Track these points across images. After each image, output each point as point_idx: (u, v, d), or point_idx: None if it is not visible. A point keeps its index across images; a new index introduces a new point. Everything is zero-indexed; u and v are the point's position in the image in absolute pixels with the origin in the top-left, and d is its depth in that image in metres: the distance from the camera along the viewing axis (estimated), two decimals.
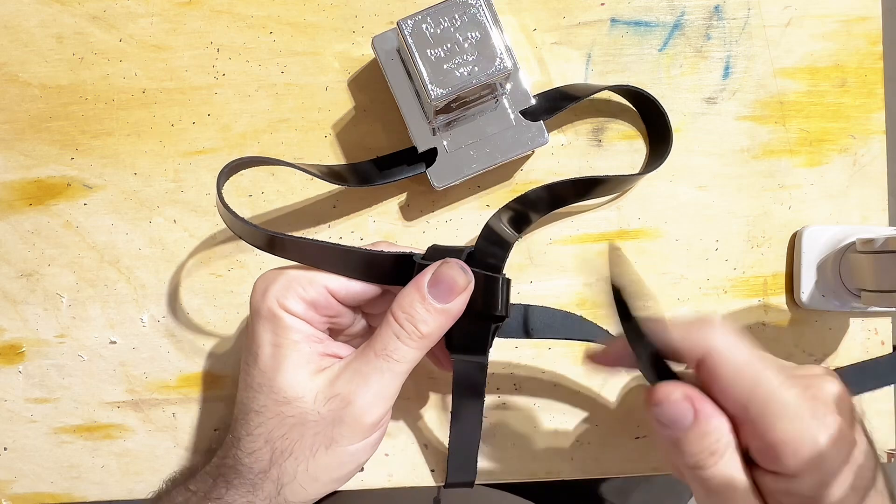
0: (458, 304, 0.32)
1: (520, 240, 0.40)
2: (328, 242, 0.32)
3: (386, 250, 0.33)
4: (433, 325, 0.31)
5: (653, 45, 0.40)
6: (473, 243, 0.33)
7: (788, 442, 0.28)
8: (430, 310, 0.31)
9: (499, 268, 0.32)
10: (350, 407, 0.31)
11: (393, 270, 0.33)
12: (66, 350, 0.40)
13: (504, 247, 0.33)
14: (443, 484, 0.40)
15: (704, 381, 0.29)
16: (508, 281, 0.32)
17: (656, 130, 0.40)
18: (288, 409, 0.31)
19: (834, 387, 0.29)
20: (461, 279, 0.31)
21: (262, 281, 0.33)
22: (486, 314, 0.32)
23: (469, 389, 0.35)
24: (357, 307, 0.35)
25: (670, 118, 0.40)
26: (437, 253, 0.33)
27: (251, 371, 0.32)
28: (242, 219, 0.32)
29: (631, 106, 0.40)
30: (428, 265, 0.32)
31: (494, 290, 0.32)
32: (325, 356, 0.32)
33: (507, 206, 0.35)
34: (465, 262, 0.32)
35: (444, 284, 0.31)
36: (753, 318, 0.41)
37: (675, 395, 0.29)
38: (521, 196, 0.36)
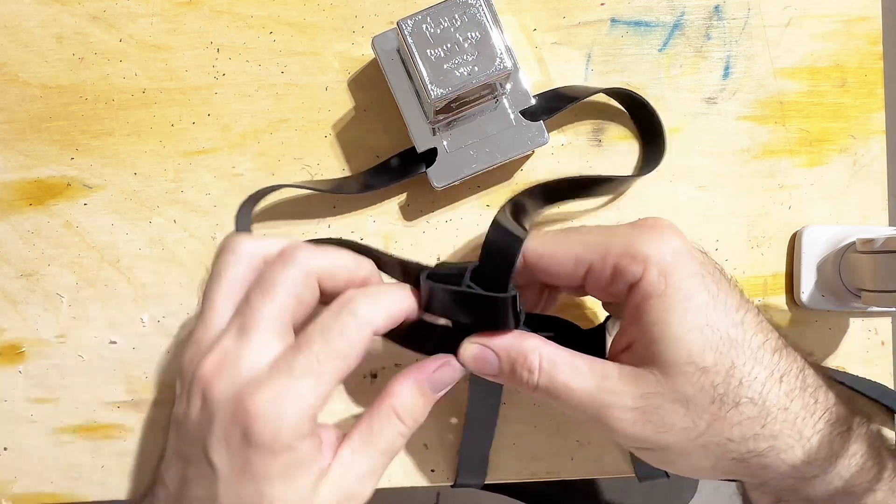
0: (446, 391, 0.33)
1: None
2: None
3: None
4: (427, 412, 0.32)
5: (653, 45, 0.40)
6: (473, 246, 0.33)
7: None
8: (429, 404, 0.32)
9: (503, 284, 0.30)
10: (357, 502, 0.31)
11: (407, 274, 0.33)
12: (66, 350, 0.40)
13: (507, 260, 0.30)
14: (451, 483, 0.40)
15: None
16: (514, 297, 0.30)
17: (649, 132, 0.40)
18: None
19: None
20: (456, 375, 0.32)
21: (265, 406, 0.28)
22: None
23: (487, 389, 0.35)
24: None
25: (670, 118, 0.40)
26: (441, 271, 0.32)
27: None
28: None
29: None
30: (433, 287, 0.31)
31: (497, 310, 0.31)
32: (326, 460, 0.30)
33: (502, 211, 0.33)
34: (470, 278, 0.30)
35: (442, 383, 0.32)
36: None
37: (470, 351, 0.31)
38: (514, 198, 0.35)
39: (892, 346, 0.42)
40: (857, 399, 0.32)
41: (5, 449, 0.40)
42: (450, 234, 0.40)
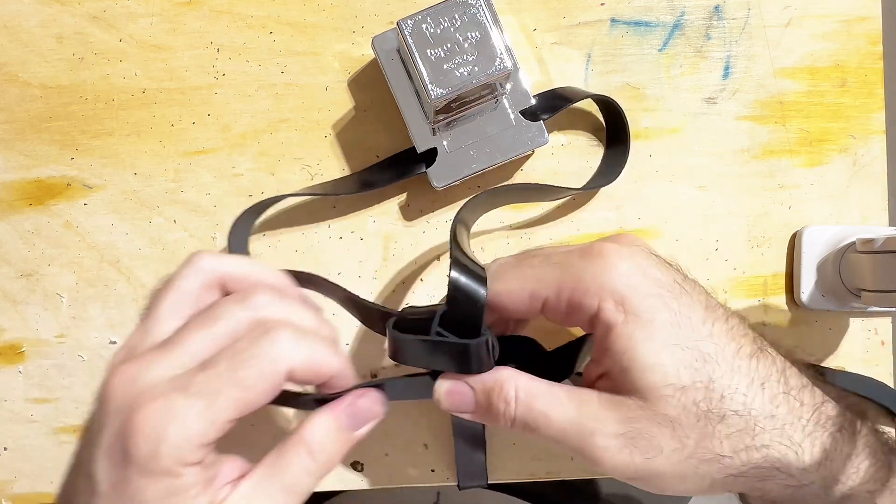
0: (369, 429, 0.30)
1: (509, 243, 0.40)
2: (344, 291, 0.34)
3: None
4: (343, 453, 0.29)
5: (653, 45, 0.40)
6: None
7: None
8: (346, 442, 0.29)
9: (475, 329, 0.29)
10: None
11: (370, 320, 0.34)
12: (66, 350, 0.40)
13: (477, 304, 0.29)
14: (456, 485, 0.40)
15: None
16: (486, 342, 0.29)
17: (615, 146, 0.40)
18: None
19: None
20: (378, 409, 0.30)
21: (148, 422, 0.25)
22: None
23: None
24: None
25: (670, 118, 0.40)
26: (408, 317, 0.31)
27: None
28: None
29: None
30: (397, 337, 0.30)
31: (471, 355, 0.29)
32: (217, 490, 0.27)
33: (455, 243, 0.31)
34: (440, 323, 0.29)
35: (361, 418, 0.30)
36: (753, 318, 0.41)
37: (444, 387, 0.30)
38: (458, 216, 0.33)
39: (892, 346, 0.42)
40: (850, 397, 0.31)
41: (5, 449, 0.40)
42: (449, 234, 0.40)
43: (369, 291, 0.40)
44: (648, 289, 0.28)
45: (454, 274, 0.29)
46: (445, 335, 0.29)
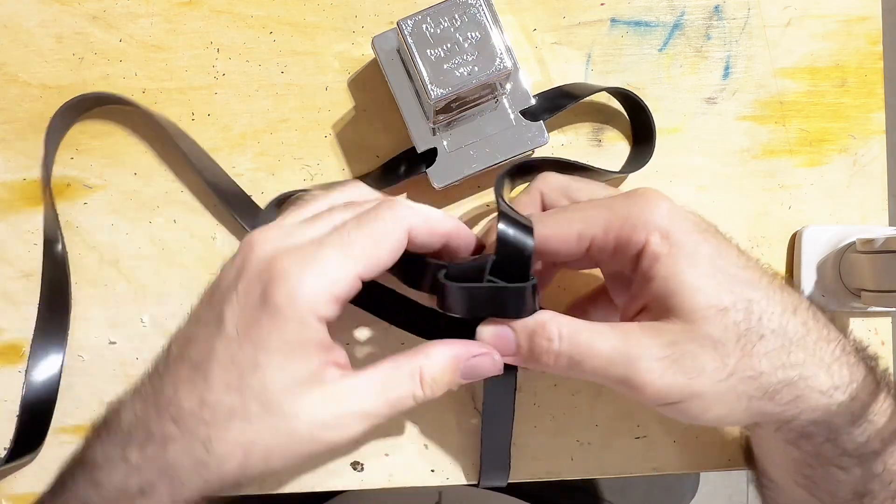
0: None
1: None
2: None
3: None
4: (444, 391, 0.31)
5: (653, 45, 0.40)
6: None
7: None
8: (454, 384, 0.31)
9: (524, 275, 0.31)
10: (337, 434, 0.29)
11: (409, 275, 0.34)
12: (66, 350, 0.40)
13: (525, 251, 0.31)
14: (475, 483, 0.40)
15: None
16: (535, 285, 0.31)
17: (641, 133, 0.40)
18: (279, 422, 0.28)
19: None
20: (495, 370, 0.32)
21: (289, 267, 0.28)
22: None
23: (501, 390, 0.35)
24: None
25: (670, 118, 0.40)
26: (458, 269, 0.32)
27: (246, 377, 0.28)
28: None
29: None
30: (452, 287, 0.31)
31: (520, 300, 0.31)
32: (328, 366, 0.29)
33: (500, 198, 0.33)
34: (491, 272, 0.31)
35: (476, 373, 0.31)
36: None
37: (487, 332, 0.32)
38: (502, 175, 0.36)
39: (892, 346, 0.42)
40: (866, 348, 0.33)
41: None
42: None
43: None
44: (690, 226, 0.31)
45: (502, 225, 0.31)
46: (496, 282, 0.31)
